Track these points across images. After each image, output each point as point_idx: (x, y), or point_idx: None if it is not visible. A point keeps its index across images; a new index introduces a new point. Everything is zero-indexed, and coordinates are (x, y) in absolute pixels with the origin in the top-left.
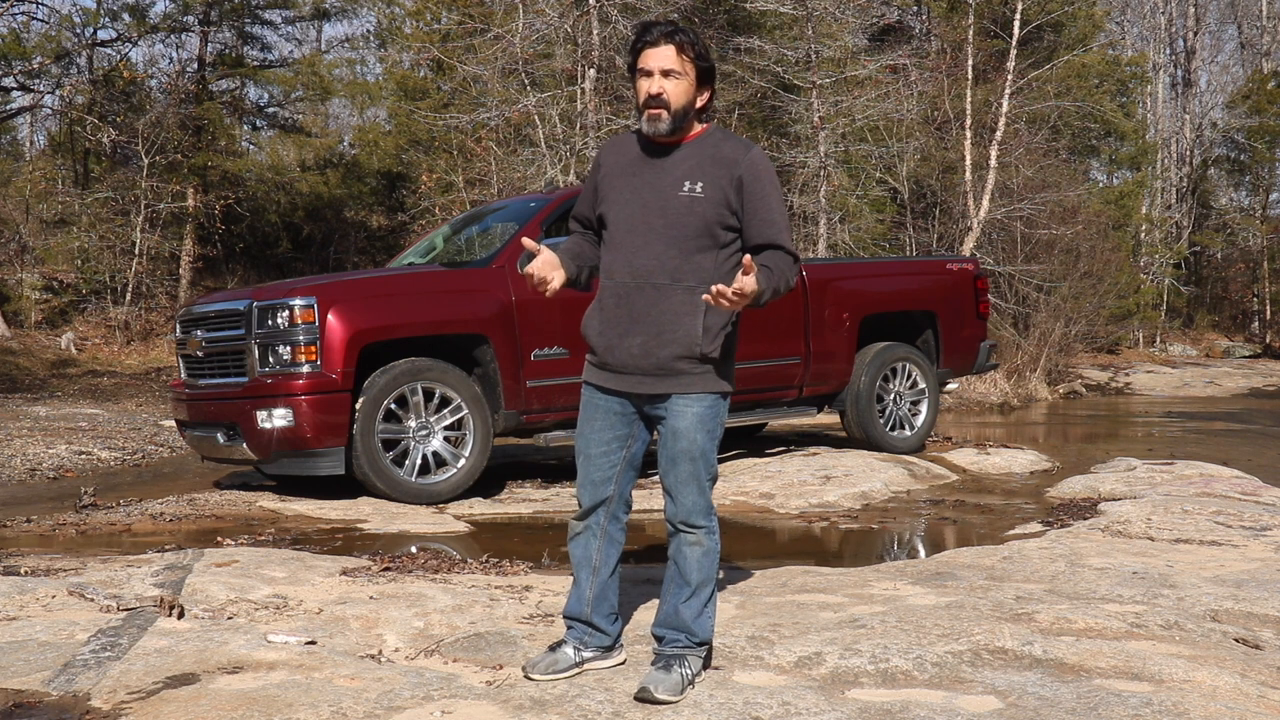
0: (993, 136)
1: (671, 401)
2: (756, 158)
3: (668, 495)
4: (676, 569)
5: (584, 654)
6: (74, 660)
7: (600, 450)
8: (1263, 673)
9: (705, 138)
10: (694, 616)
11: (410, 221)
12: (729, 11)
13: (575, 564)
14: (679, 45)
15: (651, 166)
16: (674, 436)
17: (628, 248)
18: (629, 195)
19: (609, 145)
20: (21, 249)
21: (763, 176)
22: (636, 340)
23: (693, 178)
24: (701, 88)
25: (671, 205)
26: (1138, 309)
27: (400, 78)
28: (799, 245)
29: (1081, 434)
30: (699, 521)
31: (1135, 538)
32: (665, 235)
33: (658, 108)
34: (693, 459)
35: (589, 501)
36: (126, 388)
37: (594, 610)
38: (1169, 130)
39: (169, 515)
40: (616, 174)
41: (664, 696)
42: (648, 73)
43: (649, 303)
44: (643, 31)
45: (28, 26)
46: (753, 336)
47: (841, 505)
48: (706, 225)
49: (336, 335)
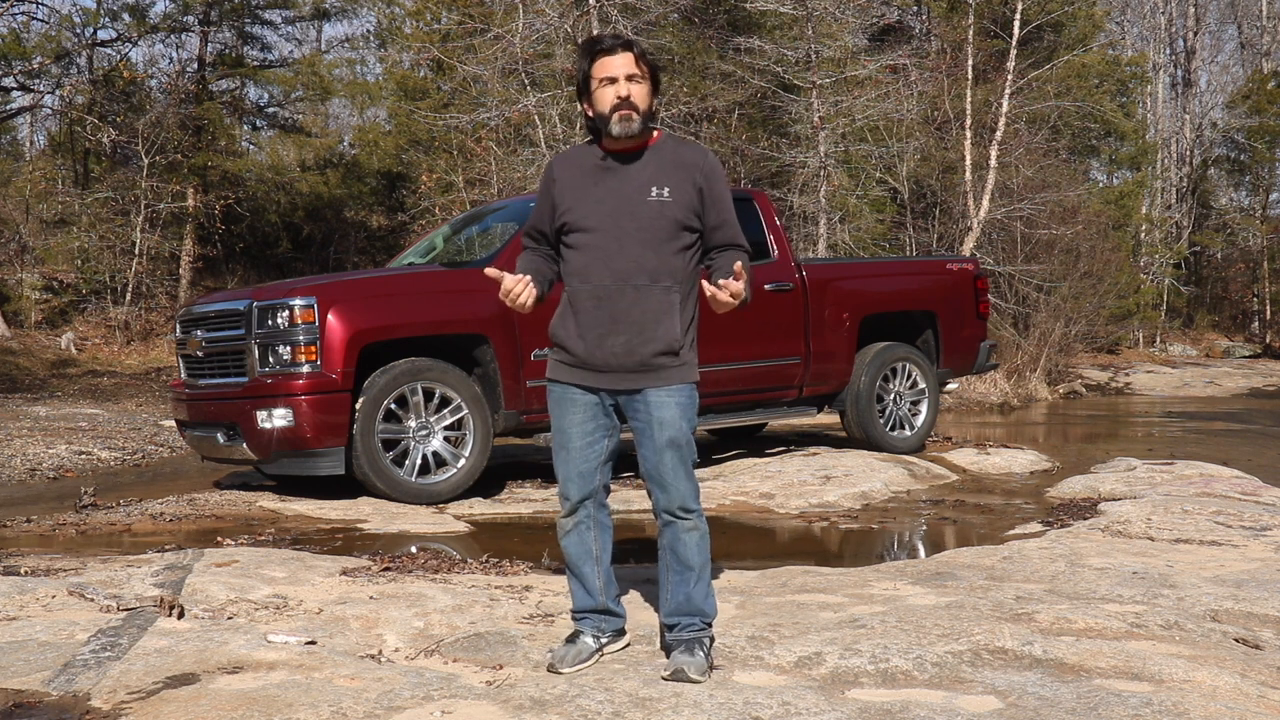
0: (993, 136)
1: (650, 395)
2: (713, 162)
3: (656, 486)
4: (675, 557)
5: (602, 640)
6: (74, 660)
7: (583, 442)
8: (1263, 673)
9: (662, 144)
10: (703, 598)
11: (410, 221)
12: (729, 11)
13: (575, 560)
14: (637, 52)
15: (614, 174)
16: (660, 427)
17: (603, 251)
18: (594, 203)
19: (560, 159)
20: (21, 249)
21: (719, 179)
22: (620, 340)
23: (659, 183)
24: (655, 92)
25: (641, 210)
26: (1138, 309)
27: (400, 78)
28: (799, 245)
29: (1081, 434)
30: (692, 505)
31: (1135, 538)
32: (639, 238)
33: (628, 109)
34: (679, 447)
35: (578, 494)
36: (126, 388)
37: (606, 596)
38: (1169, 130)
39: (169, 515)
40: (576, 184)
41: (696, 676)
42: (611, 79)
43: (630, 303)
44: (595, 43)
45: (28, 26)
46: (753, 336)
47: (841, 505)
48: (675, 227)
49: (336, 335)
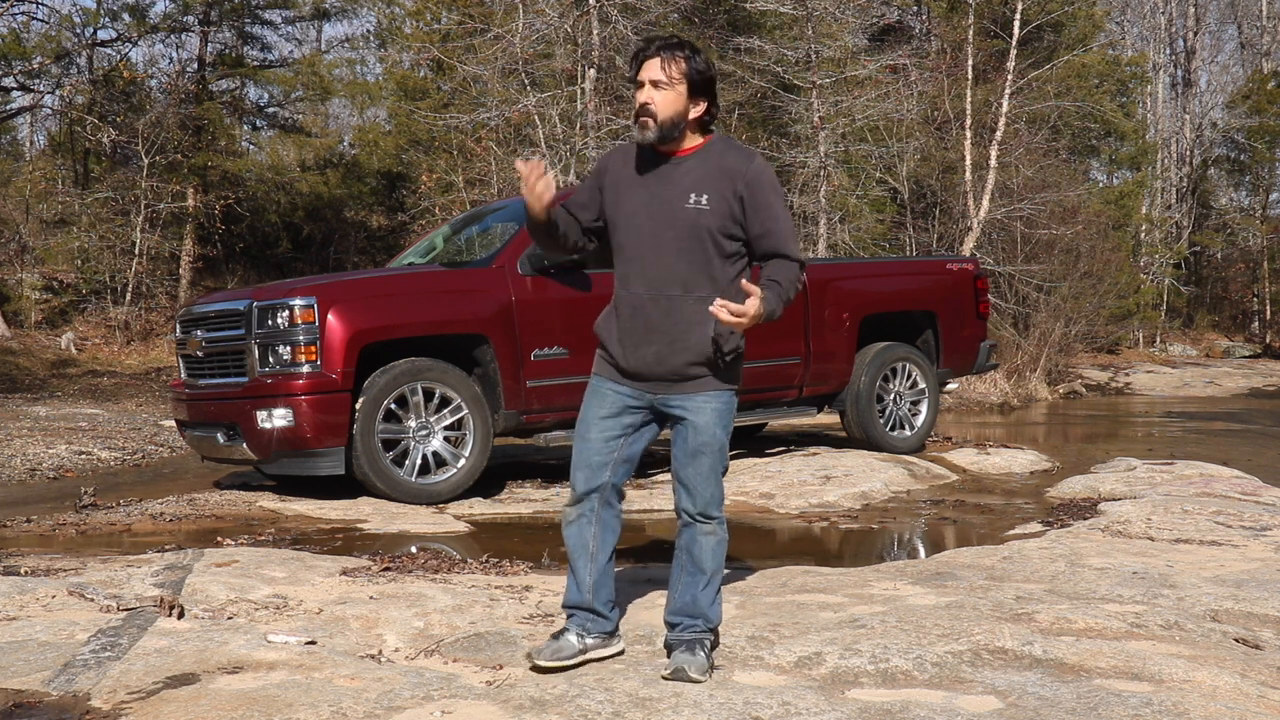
0: (993, 136)
1: (688, 398)
2: (759, 167)
3: (684, 489)
4: (690, 558)
5: (586, 640)
6: (74, 660)
7: (601, 435)
8: (1263, 673)
9: (709, 148)
10: (709, 603)
11: (410, 221)
12: (729, 11)
13: (571, 552)
14: (664, 58)
15: (658, 178)
16: (695, 432)
17: (640, 259)
18: (638, 206)
19: (615, 152)
20: (21, 249)
21: (765, 186)
22: (651, 350)
23: (698, 190)
24: (696, 99)
25: (679, 217)
26: (1138, 309)
27: (400, 78)
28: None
29: (1081, 434)
30: (714, 513)
31: (1135, 538)
32: (675, 247)
33: (644, 116)
34: (713, 452)
35: (584, 486)
36: (126, 388)
37: (595, 596)
38: (1169, 130)
39: (169, 515)
40: (624, 183)
41: (697, 676)
42: (640, 84)
43: (663, 313)
44: (644, 45)
45: (28, 26)
46: (752, 336)
47: (841, 505)
48: (713, 236)
49: (336, 335)
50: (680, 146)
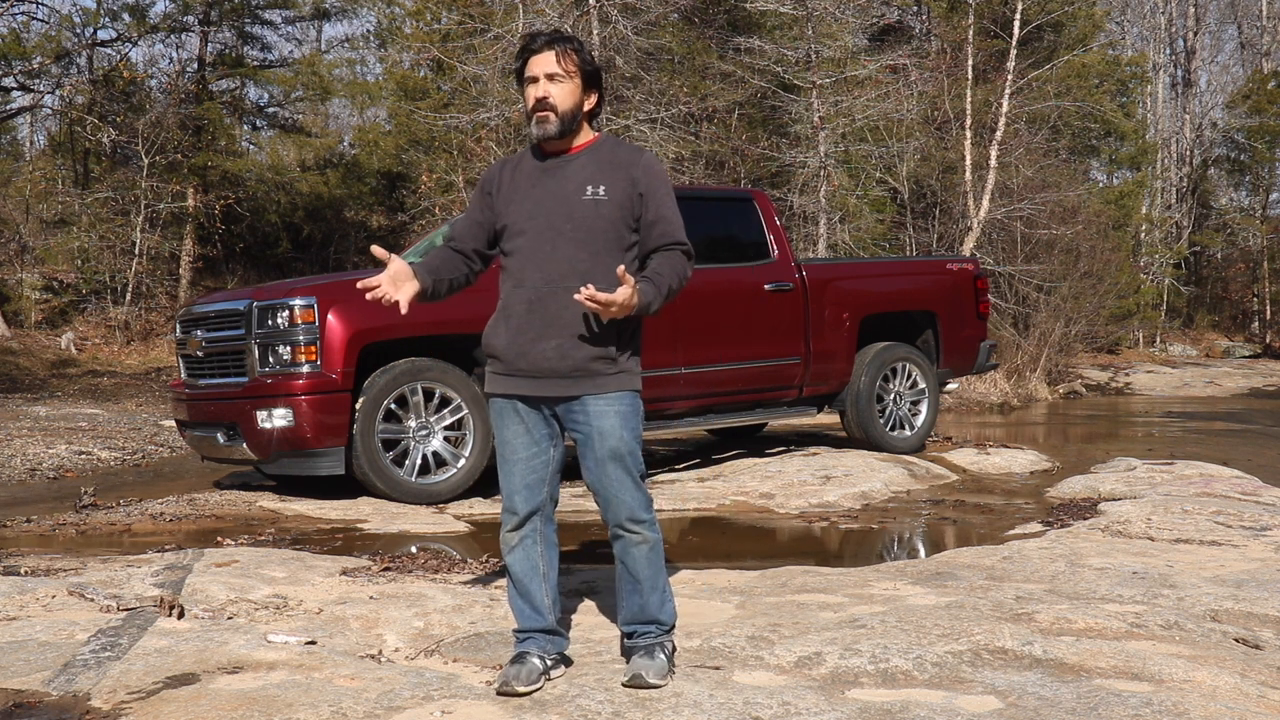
0: (993, 136)
1: (589, 404)
2: (652, 159)
3: (601, 500)
4: (626, 570)
5: (548, 661)
6: (74, 660)
7: (529, 453)
8: (1263, 673)
9: (600, 145)
10: (659, 607)
11: (410, 221)
12: (729, 11)
13: (521, 576)
14: (559, 51)
15: (551, 175)
16: (600, 438)
17: (538, 254)
18: (532, 205)
19: (498, 166)
20: (21, 249)
21: (658, 177)
22: (551, 344)
23: (594, 182)
24: (589, 91)
25: (577, 210)
26: (1138, 309)
27: (400, 78)
28: (799, 245)
29: (1081, 434)
30: (641, 516)
31: (1135, 538)
32: (574, 239)
33: (544, 110)
34: (622, 457)
35: (526, 508)
36: (126, 388)
37: (552, 616)
38: (1169, 130)
39: (169, 515)
40: (517, 188)
41: (655, 680)
42: (534, 79)
43: (562, 306)
44: (529, 41)
45: (28, 26)
46: (753, 336)
47: (841, 505)
48: (613, 227)
49: (336, 335)
50: (572, 143)
